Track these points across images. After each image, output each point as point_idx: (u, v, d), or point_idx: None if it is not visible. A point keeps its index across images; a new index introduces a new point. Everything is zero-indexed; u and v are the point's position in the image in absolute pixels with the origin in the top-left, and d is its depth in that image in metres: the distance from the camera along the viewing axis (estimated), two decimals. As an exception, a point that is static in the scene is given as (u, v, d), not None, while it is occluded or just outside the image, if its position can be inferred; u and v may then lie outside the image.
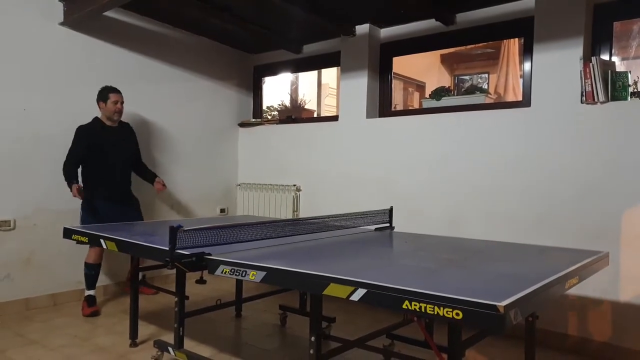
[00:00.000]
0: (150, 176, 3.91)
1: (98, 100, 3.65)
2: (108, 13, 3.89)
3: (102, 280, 3.98)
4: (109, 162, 3.62)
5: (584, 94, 3.04)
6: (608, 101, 2.97)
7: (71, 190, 3.34)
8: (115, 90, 3.66)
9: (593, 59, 2.98)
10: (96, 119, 3.67)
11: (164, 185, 3.84)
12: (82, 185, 3.49)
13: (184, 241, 2.04)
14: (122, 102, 3.68)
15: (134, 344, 2.91)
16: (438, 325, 2.61)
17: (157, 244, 2.22)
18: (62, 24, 3.71)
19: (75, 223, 3.56)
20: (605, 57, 3.14)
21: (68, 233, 2.75)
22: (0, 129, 3.43)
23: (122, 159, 3.73)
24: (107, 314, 3.54)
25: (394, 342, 2.75)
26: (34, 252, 3.60)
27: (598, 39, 3.19)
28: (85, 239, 2.62)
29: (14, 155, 3.50)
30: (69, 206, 3.73)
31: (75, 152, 3.51)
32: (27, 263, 3.57)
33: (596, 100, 2.99)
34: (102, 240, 2.50)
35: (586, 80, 3.01)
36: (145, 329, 3.17)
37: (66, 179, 3.42)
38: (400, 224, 3.16)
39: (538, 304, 1.49)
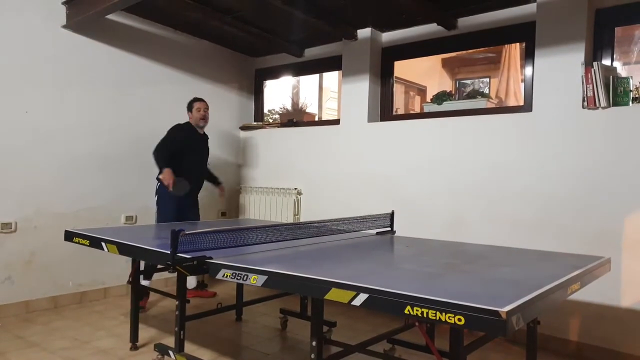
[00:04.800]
0: (213, 178, 4.28)
1: (187, 111, 4.01)
2: (110, 16, 3.90)
3: (103, 282, 3.99)
4: (195, 163, 3.95)
5: (585, 99, 3.04)
6: (609, 106, 2.97)
7: (161, 172, 3.65)
8: (199, 100, 4.01)
9: (594, 64, 2.98)
10: (189, 123, 4.00)
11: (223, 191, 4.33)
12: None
13: (185, 245, 2.04)
14: (207, 109, 4.02)
15: (134, 347, 2.91)
16: (439, 331, 2.61)
17: (158, 247, 2.22)
18: (64, 26, 3.72)
19: (76, 226, 3.56)
20: (606, 62, 3.15)
21: (69, 236, 2.75)
22: (2, 130, 3.43)
23: (202, 163, 4.09)
24: (108, 317, 3.53)
25: (395, 347, 2.75)
26: (35, 254, 3.60)
27: (600, 44, 3.19)
28: (86, 242, 2.62)
29: (16, 157, 3.50)
30: (70, 208, 3.75)
31: (171, 142, 3.77)
32: (27, 265, 3.56)
33: (597, 105, 2.99)
34: (103, 244, 2.50)
35: (588, 86, 3.01)
36: (145, 332, 3.16)
37: (158, 163, 3.69)
38: (401, 228, 3.16)
39: (540, 310, 1.49)
